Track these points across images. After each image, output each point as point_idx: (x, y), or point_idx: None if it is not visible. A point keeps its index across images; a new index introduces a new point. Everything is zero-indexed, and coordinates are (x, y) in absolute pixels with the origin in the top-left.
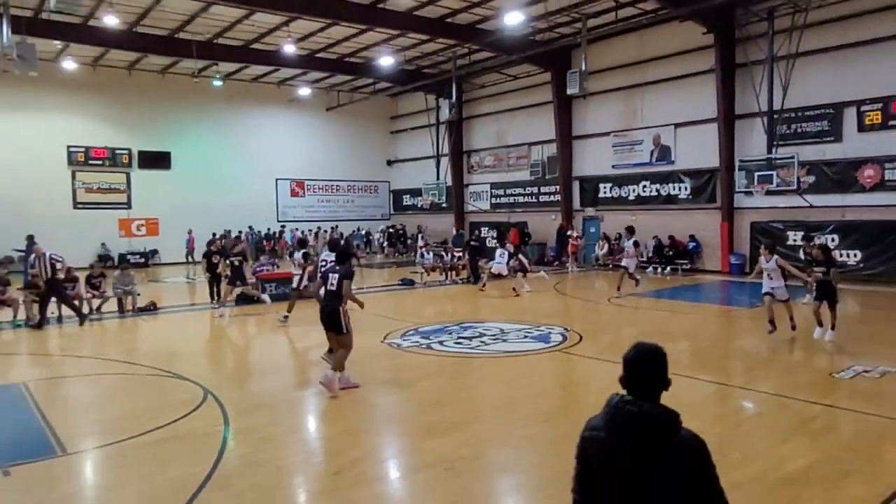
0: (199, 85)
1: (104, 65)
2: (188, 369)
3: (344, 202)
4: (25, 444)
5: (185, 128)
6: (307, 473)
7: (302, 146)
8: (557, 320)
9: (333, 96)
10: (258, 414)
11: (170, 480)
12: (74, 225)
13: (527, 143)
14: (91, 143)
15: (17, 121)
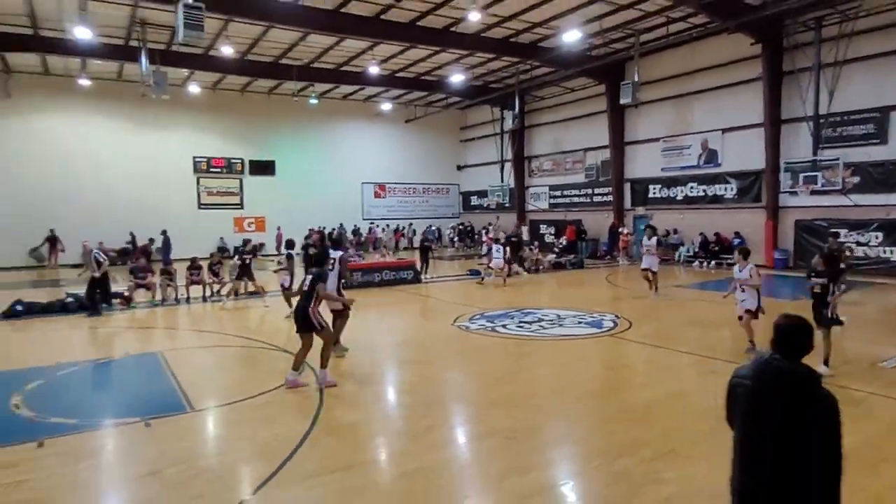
0: (298, 103)
1: (222, 88)
2: (289, 344)
3: (419, 202)
4: (161, 402)
5: (287, 140)
6: (388, 436)
7: (384, 154)
8: (609, 308)
9: (411, 110)
10: (345, 383)
11: (275, 436)
12: (198, 222)
13: (582, 149)
14: (212, 154)
15: (154, 136)
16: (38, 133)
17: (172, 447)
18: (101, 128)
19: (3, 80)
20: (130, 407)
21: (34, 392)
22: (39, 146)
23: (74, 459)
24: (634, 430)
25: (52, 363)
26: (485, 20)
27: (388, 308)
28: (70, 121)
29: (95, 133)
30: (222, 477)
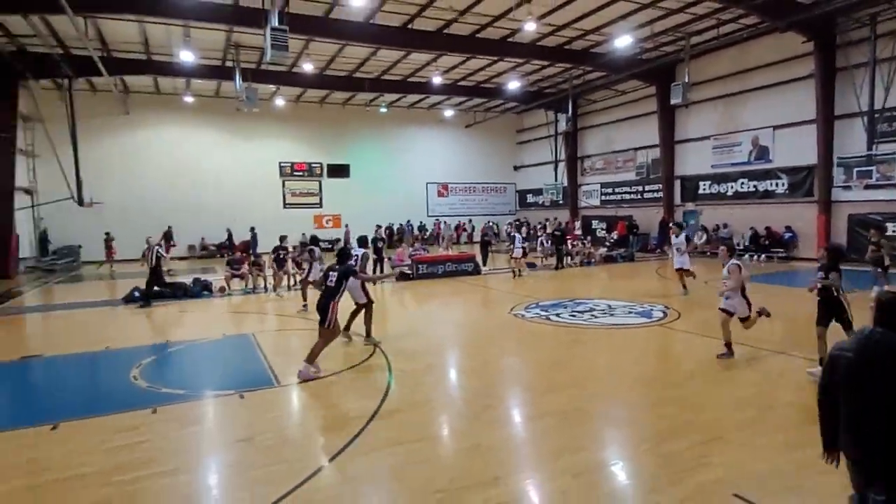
0: (370, 112)
1: (303, 101)
2: (362, 328)
3: (478, 200)
4: (253, 377)
5: (360, 145)
6: (450, 413)
7: (446, 156)
8: (659, 299)
9: (471, 116)
10: (413, 365)
11: (350, 410)
12: (284, 220)
13: (632, 148)
14: (295, 160)
15: (246, 145)
16: (151, 144)
17: (262, 417)
18: (202, 139)
19: (123, 99)
20: (227, 381)
21: (149, 366)
22: (153, 155)
23: (181, 425)
24: (682, 416)
25: (163, 342)
26: (540, 30)
27: (451, 297)
28: (177, 133)
29: (197, 143)
30: (305, 445)
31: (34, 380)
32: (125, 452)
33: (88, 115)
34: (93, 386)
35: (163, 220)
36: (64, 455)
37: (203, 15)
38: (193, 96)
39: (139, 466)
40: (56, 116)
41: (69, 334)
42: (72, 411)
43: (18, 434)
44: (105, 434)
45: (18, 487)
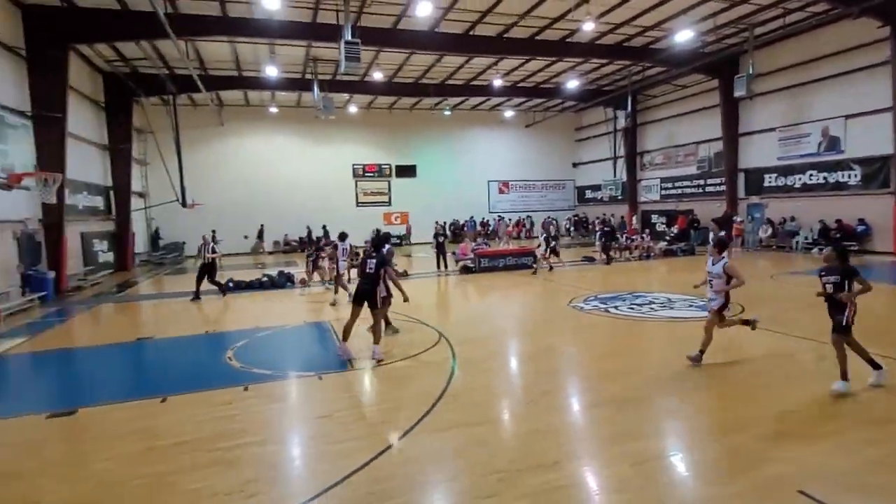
0: (434, 115)
1: (374, 107)
2: (428, 317)
3: (538, 197)
4: (330, 361)
5: (425, 146)
6: (510, 398)
7: (507, 155)
8: None
9: (530, 116)
10: (476, 352)
11: (417, 393)
12: (356, 218)
13: (694, 142)
14: (366, 162)
15: (323, 150)
16: (242, 151)
17: (338, 396)
18: (285, 145)
19: (218, 112)
20: (307, 363)
21: (241, 349)
22: (243, 161)
23: (269, 401)
24: (746, 410)
25: (253, 327)
26: (598, 29)
27: (511, 290)
28: (263, 140)
29: (281, 149)
30: (376, 423)
31: (147, 359)
32: (223, 423)
33: (189, 127)
34: (195, 365)
35: (251, 218)
36: (172, 424)
37: (286, 33)
38: (277, 107)
39: (234, 436)
40: (163, 129)
41: (175, 319)
42: (178, 386)
43: (135, 405)
44: (206, 407)
45: (139, 450)
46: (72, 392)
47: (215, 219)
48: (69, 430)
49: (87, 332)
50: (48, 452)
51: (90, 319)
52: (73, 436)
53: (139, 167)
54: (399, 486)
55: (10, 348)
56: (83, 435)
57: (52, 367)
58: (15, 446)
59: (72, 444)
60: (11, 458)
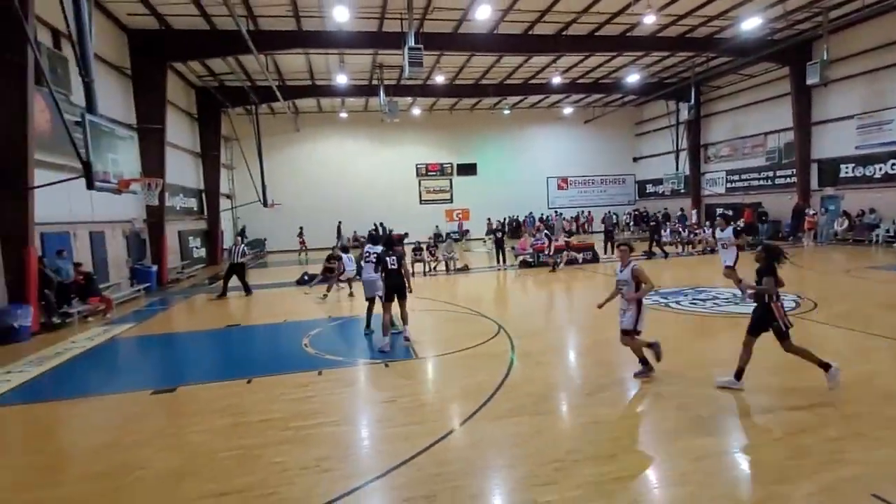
0: (494, 115)
1: (436, 109)
2: (488, 310)
3: (597, 192)
4: (396, 350)
5: (485, 145)
6: (567, 390)
7: (565, 151)
8: (792, 289)
9: (589, 111)
10: (534, 344)
11: (477, 383)
12: (419, 215)
13: (762, 133)
14: (429, 161)
15: (388, 150)
16: (315, 154)
17: (403, 383)
18: (354, 147)
19: (294, 119)
20: (375, 352)
21: (316, 336)
22: (316, 163)
23: (340, 385)
24: (817, 409)
25: (326, 317)
26: (659, 21)
27: (570, 283)
28: (334, 144)
29: (350, 152)
30: (439, 409)
31: (234, 343)
32: (299, 404)
33: (269, 133)
34: (275, 350)
35: (324, 216)
36: (256, 403)
37: (354, 43)
38: (347, 112)
39: (310, 416)
40: (246, 136)
41: (258, 309)
42: (261, 369)
43: (224, 385)
44: (285, 389)
45: (227, 424)
46: (172, 372)
47: (291, 216)
48: (169, 406)
49: (184, 319)
50: (152, 425)
51: (186, 308)
52: (172, 410)
53: (226, 171)
54: (461, 469)
55: (121, 332)
56: (181, 410)
57: (155, 349)
58: (124, 419)
59: (171, 418)
60: (121, 429)
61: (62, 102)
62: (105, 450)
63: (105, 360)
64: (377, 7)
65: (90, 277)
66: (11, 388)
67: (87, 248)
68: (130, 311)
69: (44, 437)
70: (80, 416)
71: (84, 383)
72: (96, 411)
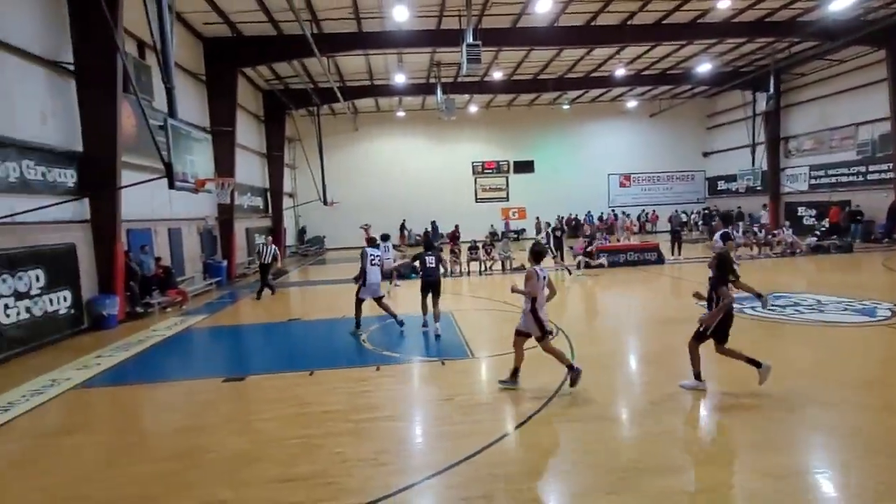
0: (553, 110)
1: (493, 105)
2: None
3: (663, 190)
4: (452, 349)
5: (543, 141)
6: (631, 397)
7: (629, 147)
8: (888, 296)
9: (655, 104)
10: (595, 349)
11: (535, 385)
12: (475, 214)
13: (853, 124)
14: (485, 158)
15: (444, 149)
16: (373, 153)
17: (459, 382)
18: (411, 146)
19: (353, 119)
20: (432, 350)
21: (374, 333)
22: (374, 162)
23: (398, 381)
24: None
25: (382, 314)
26: (735, 6)
27: (633, 286)
28: (391, 143)
29: (407, 150)
30: (495, 409)
31: (297, 336)
32: (358, 398)
33: (330, 133)
34: (336, 345)
35: (379, 214)
36: (318, 394)
37: (412, 42)
38: (404, 111)
39: (368, 410)
40: (308, 136)
41: (318, 304)
42: (322, 362)
43: (287, 376)
44: (345, 382)
45: (292, 413)
46: (241, 362)
47: (349, 215)
48: (239, 393)
49: (252, 312)
50: (223, 410)
51: (252, 301)
52: (242, 397)
53: (289, 171)
54: (519, 471)
55: (196, 323)
56: (250, 397)
57: (226, 339)
58: (199, 404)
59: (241, 405)
60: (195, 413)
61: (146, 108)
62: (182, 432)
63: (182, 348)
64: (436, 5)
65: (169, 271)
66: (102, 370)
67: (166, 243)
68: (203, 304)
69: (130, 418)
70: (160, 399)
71: (164, 369)
72: (174, 395)
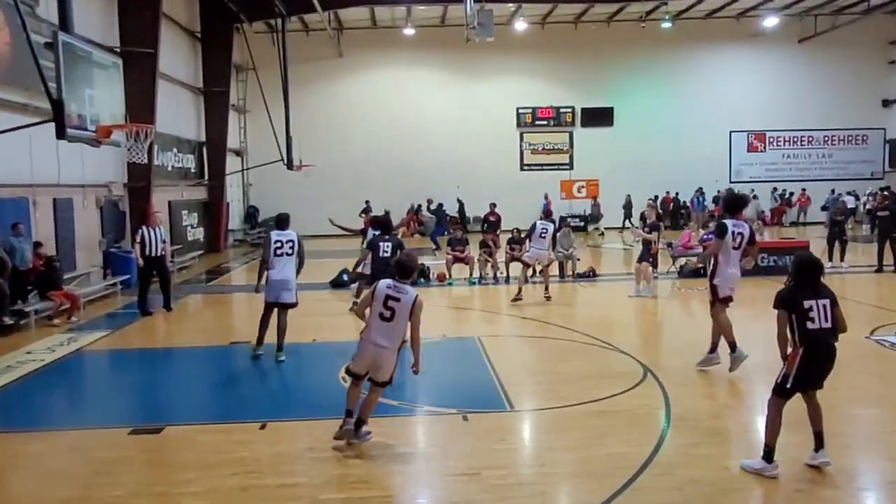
0: (645, 30)
1: (551, 21)
2: (625, 341)
3: (817, 157)
4: (478, 394)
5: (629, 80)
6: (764, 482)
7: (764, 90)
8: None
9: (808, 23)
10: (701, 401)
11: (608, 455)
12: (519, 187)
13: None
14: (537, 104)
15: (475, 87)
16: (365, 92)
17: (490, 448)
18: (423, 82)
19: (337, 39)
20: (447, 396)
21: None
22: (367, 106)
23: (397, 443)
24: None
25: None
26: None
27: (766, 305)
28: (393, 78)
29: (417, 88)
30: (545, 493)
31: (243, 369)
32: (334, 467)
33: (301, 60)
34: (300, 383)
35: (376, 185)
36: (275, 459)
37: None
38: (414, 27)
39: (349, 487)
40: (267, 64)
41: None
42: (280, 410)
43: (228, 428)
44: (315, 441)
45: (234, 486)
46: (159, 404)
47: (328, 185)
48: (154, 452)
49: (174, 329)
50: (130, 478)
51: (177, 314)
52: (158, 460)
53: (237, 116)
54: None
55: (90, 343)
56: (170, 459)
57: (135, 370)
58: (94, 466)
59: (157, 471)
60: (87, 482)
61: (27, 17)
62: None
63: (70, 382)
64: None
65: (53, 264)
66: None
67: (50, 221)
68: (103, 314)
69: None
70: (33, 458)
71: (42, 412)
72: (57, 452)
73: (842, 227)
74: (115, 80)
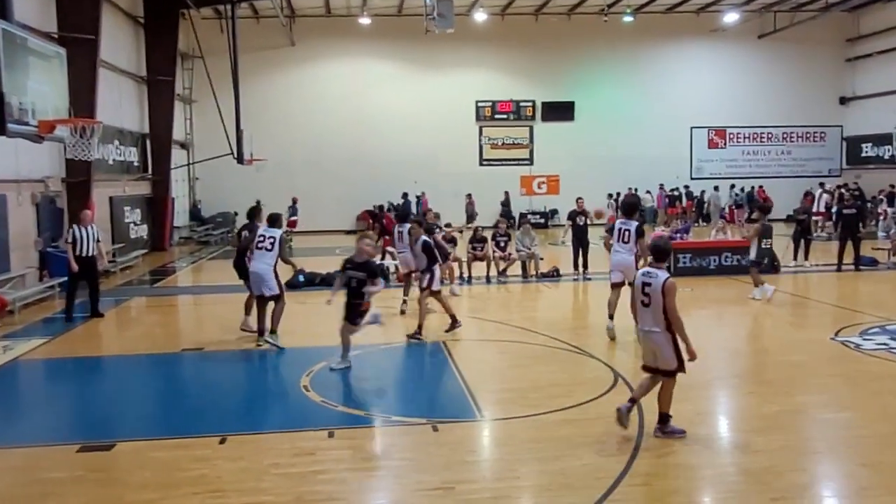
0: (607, 24)
1: (511, 13)
2: (593, 345)
3: (776, 154)
4: (448, 403)
5: (590, 74)
6: (738, 491)
7: (724, 86)
8: None
9: (768, 20)
10: (676, 406)
11: (583, 466)
12: (478, 182)
13: None
14: (497, 97)
15: (433, 79)
16: (319, 82)
17: (463, 459)
18: (379, 74)
19: (289, 27)
20: (415, 405)
21: (322, 374)
22: (321, 97)
23: (364, 457)
24: None
25: (335, 344)
26: None
27: (731, 307)
28: (349, 68)
29: (374, 80)
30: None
31: (196, 379)
32: (302, 483)
33: (251, 49)
34: (260, 393)
35: (329, 180)
36: (236, 476)
37: None
38: (371, 16)
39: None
40: (215, 52)
41: (228, 324)
42: (240, 423)
43: (186, 443)
44: (279, 457)
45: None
46: (108, 419)
47: (279, 180)
48: (106, 471)
49: (119, 335)
50: (82, 499)
51: (121, 318)
52: (111, 479)
53: (183, 107)
54: None
55: (26, 352)
56: (123, 478)
57: (79, 381)
58: (38, 489)
59: (107, 491)
60: (37, 501)
61: None
62: None
63: (7, 394)
64: None
65: None
66: None
67: None
68: (40, 320)
69: None
70: None
71: None
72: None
73: (805, 224)
74: (58, 72)
